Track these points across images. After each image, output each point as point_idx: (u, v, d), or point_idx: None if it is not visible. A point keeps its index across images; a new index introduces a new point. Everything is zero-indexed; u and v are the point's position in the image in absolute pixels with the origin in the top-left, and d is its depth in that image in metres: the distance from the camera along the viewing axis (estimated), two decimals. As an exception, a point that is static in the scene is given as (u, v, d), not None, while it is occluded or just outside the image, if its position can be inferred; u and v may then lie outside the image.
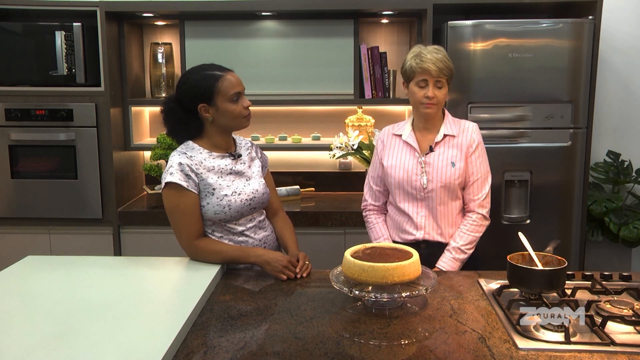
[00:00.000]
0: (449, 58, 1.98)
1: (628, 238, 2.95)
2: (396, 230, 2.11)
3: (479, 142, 2.05)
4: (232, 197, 1.84)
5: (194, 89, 1.82)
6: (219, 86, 1.81)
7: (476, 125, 2.07)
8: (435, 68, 1.94)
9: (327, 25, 3.03)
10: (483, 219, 2.04)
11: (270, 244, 1.98)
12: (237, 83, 1.85)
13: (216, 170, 1.86)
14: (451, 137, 2.03)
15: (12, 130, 2.89)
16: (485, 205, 2.05)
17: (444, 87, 1.98)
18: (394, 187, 2.08)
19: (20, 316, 1.43)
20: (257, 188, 1.92)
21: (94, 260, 1.91)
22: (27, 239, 2.97)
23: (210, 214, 1.84)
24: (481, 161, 2.05)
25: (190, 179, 1.80)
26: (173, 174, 1.79)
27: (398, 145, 2.09)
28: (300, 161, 3.34)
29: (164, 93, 3.18)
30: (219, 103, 1.82)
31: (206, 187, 1.83)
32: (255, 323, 1.46)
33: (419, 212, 2.04)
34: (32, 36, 2.89)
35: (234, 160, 1.91)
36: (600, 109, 3.19)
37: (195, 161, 1.83)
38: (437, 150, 2.03)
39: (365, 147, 2.86)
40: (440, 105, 2.02)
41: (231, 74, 1.85)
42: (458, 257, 1.99)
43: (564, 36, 2.70)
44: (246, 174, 1.93)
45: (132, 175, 3.22)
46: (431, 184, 2.01)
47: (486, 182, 2.05)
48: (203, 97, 1.82)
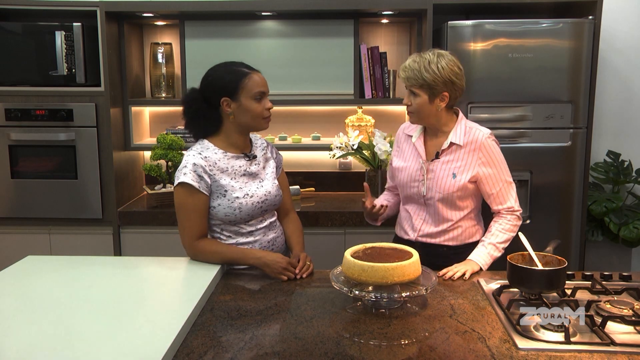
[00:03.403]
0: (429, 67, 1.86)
1: (628, 238, 2.95)
2: (399, 226, 2.14)
3: (488, 155, 1.93)
4: (243, 200, 1.84)
5: (219, 81, 1.83)
6: (245, 82, 1.81)
7: (486, 135, 1.94)
8: (403, 76, 1.93)
9: (327, 25, 3.03)
10: (517, 220, 1.96)
11: (279, 246, 1.99)
12: (263, 83, 1.85)
13: (230, 172, 1.85)
14: (458, 146, 1.95)
15: (12, 130, 2.89)
16: (516, 211, 1.96)
17: (419, 95, 1.90)
18: (399, 188, 2.09)
19: (20, 316, 1.43)
20: (269, 190, 1.91)
21: (94, 260, 1.91)
22: (27, 239, 2.97)
23: (221, 215, 1.84)
24: (497, 173, 1.94)
25: (202, 180, 1.80)
26: (187, 174, 1.79)
27: (408, 146, 2.07)
28: (300, 161, 3.34)
29: (164, 93, 3.18)
30: (242, 99, 1.81)
31: (218, 189, 1.83)
32: (255, 323, 1.46)
33: (419, 214, 2.03)
34: (32, 36, 2.88)
35: (248, 161, 1.90)
36: (600, 109, 3.18)
37: (210, 162, 1.82)
38: (442, 157, 1.97)
39: (365, 147, 2.86)
40: (422, 114, 1.93)
41: (258, 74, 1.86)
42: (493, 254, 1.90)
43: (564, 36, 2.70)
44: (260, 175, 1.92)
45: (132, 175, 3.22)
46: (430, 193, 1.97)
47: (508, 193, 1.96)
48: (227, 91, 1.82)
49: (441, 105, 1.92)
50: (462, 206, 1.98)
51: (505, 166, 1.97)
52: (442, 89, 1.89)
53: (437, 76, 1.87)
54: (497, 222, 1.96)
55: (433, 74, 1.87)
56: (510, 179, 1.98)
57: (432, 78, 1.87)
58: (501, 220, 1.96)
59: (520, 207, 1.99)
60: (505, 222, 1.95)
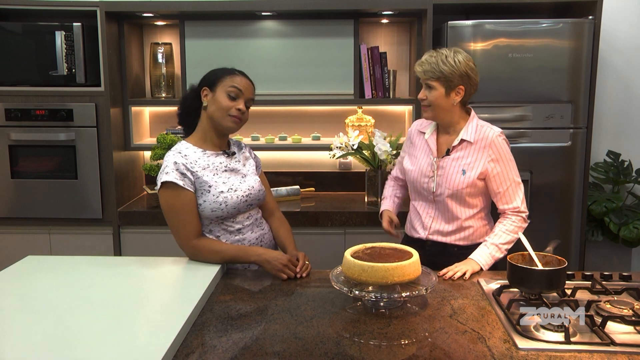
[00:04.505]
0: (447, 60, 1.91)
1: (628, 238, 2.95)
2: (409, 225, 2.15)
3: (498, 152, 1.94)
4: (228, 194, 1.85)
5: (209, 74, 1.91)
6: (226, 77, 1.87)
7: (497, 134, 1.96)
8: (420, 70, 1.96)
9: (327, 25, 3.03)
10: (522, 221, 1.95)
11: (267, 242, 1.99)
12: (244, 84, 1.87)
13: (211, 168, 1.87)
14: (469, 143, 1.97)
15: (12, 130, 2.89)
16: (522, 212, 1.96)
17: (435, 89, 1.93)
18: (409, 184, 2.11)
19: (20, 316, 1.43)
20: (252, 185, 1.93)
21: (94, 260, 1.91)
22: (27, 239, 2.97)
23: (207, 211, 1.84)
24: (505, 171, 1.95)
25: (186, 177, 1.81)
26: (169, 173, 1.80)
27: (421, 143, 2.09)
28: (300, 161, 3.34)
29: (164, 93, 3.18)
30: (217, 91, 1.86)
31: (202, 185, 1.83)
32: (255, 323, 1.46)
33: (428, 212, 2.05)
34: (32, 36, 2.88)
35: (228, 157, 1.93)
36: (600, 109, 3.19)
37: (190, 160, 1.84)
38: (453, 154, 1.99)
39: (365, 147, 2.85)
40: (437, 108, 1.96)
41: (245, 78, 1.90)
42: (495, 255, 1.89)
43: (564, 36, 2.70)
44: (241, 171, 1.95)
45: (132, 175, 3.22)
46: (440, 189, 1.99)
47: (516, 193, 1.96)
48: (209, 81, 1.89)
49: (456, 100, 1.95)
50: (472, 204, 1.99)
51: (514, 166, 1.97)
52: (458, 82, 1.93)
53: (454, 69, 1.91)
54: (501, 222, 1.96)
55: (450, 67, 1.91)
56: (519, 180, 1.98)
57: (450, 70, 1.91)
58: (506, 221, 1.96)
59: (527, 210, 1.98)
60: (509, 223, 1.95)
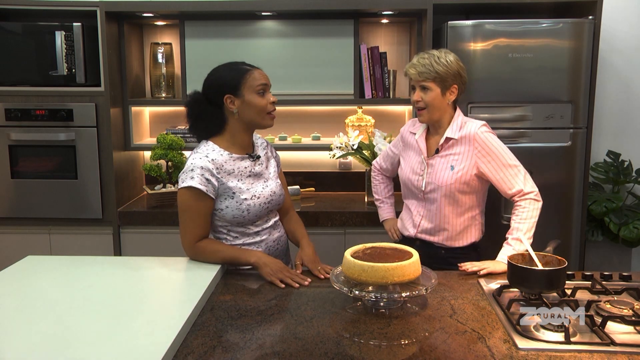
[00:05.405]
0: (440, 61, 1.93)
1: (628, 238, 2.95)
2: (401, 222, 2.18)
3: (482, 145, 1.95)
4: (251, 201, 1.84)
5: (221, 79, 1.83)
6: (247, 77, 1.81)
7: (479, 127, 1.98)
8: (414, 72, 1.96)
9: (327, 25, 3.03)
10: (534, 202, 1.90)
11: (283, 244, 2.00)
12: (264, 77, 1.85)
13: (236, 174, 1.84)
14: (454, 140, 1.99)
15: (12, 130, 2.89)
16: (528, 193, 1.91)
17: (431, 90, 1.95)
18: (401, 182, 2.13)
19: (20, 316, 1.43)
20: (274, 190, 1.92)
21: (94, 260, 1.91)
22: (27, 239, 2.97)
23: (229, 217, 1.83)
24: (495, 160, 1.94)
25: (210, 184, 1.79)
26: (194, 177, 1.77)
27: (412, 143, 2.11)
28: (300, 161, 3.34)
29: (164, 93, 3.18)
30: (245, 94, 1.81)
31: (226, 191, 1.82)
32: (255, 323, 1.46)
33: (418, 211, 2.07)
34: (32, 36, 2.88)
35: (252, 161, 1.90)
36: (600, 109, 3.19)
37: (217, 164, 1.81)
38: (442, 152, 2.01)
39: (365, 147, 2.85)
40: (433, 109, 1.97)
41: (259, 70, 1.86)
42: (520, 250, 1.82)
43: (564, 36, 2.70)
44: (264, 175, 1.92)
45: (132, 175, 3.22)
46: (430, 186, 2.01)
47: (515, 176, 1.92)
48: (230, 87, 1.81)
49: (451, 99, 1.98)
50: (463, 203, 2.00)
51: (504, 151, 1.95)
52: (452, 81, 1.96)
53: (448, 68, 1.94)
54: (514, 214, 1.92)
55: (444, 67, 1.94)
56: (515, 162, 1.95)
57: (444, 70, 1.94)
58: (517, 210, 1.92)
59: (535, 188, 1.93)
60: (520, 210, 1.90)
